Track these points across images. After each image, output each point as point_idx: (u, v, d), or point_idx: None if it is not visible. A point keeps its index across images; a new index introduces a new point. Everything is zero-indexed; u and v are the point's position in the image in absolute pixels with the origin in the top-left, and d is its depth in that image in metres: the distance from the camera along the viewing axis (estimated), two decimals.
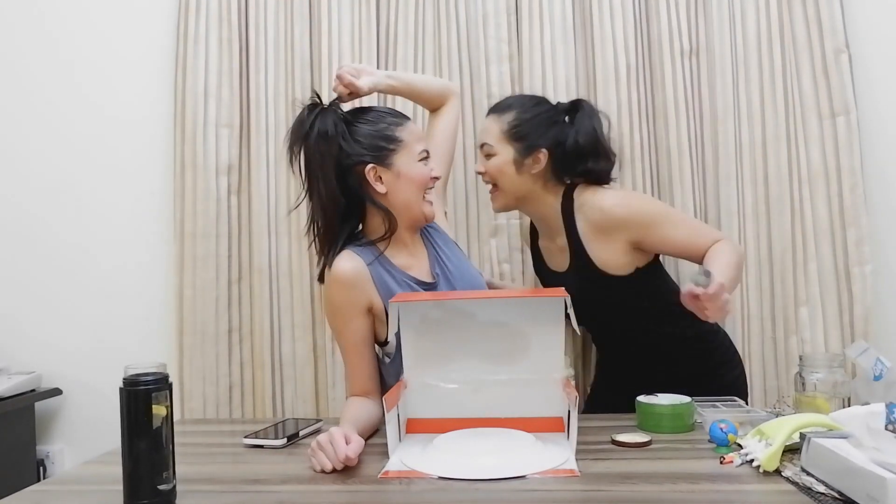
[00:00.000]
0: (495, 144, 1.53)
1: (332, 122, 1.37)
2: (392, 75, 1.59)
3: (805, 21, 1.82)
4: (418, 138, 1.44)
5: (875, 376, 1.32)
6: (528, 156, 1.52)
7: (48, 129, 2.08)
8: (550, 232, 1.60)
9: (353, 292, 1.37)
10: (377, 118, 1.42)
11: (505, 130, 1.53)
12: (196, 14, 1.94)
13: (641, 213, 1.49)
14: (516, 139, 1.52)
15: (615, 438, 1.21)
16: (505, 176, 1.53)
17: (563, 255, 1.57)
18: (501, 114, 1.55)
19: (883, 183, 1.83)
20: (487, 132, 1.56)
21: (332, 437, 1.12)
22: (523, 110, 1.55)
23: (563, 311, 1.29)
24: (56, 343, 2.06)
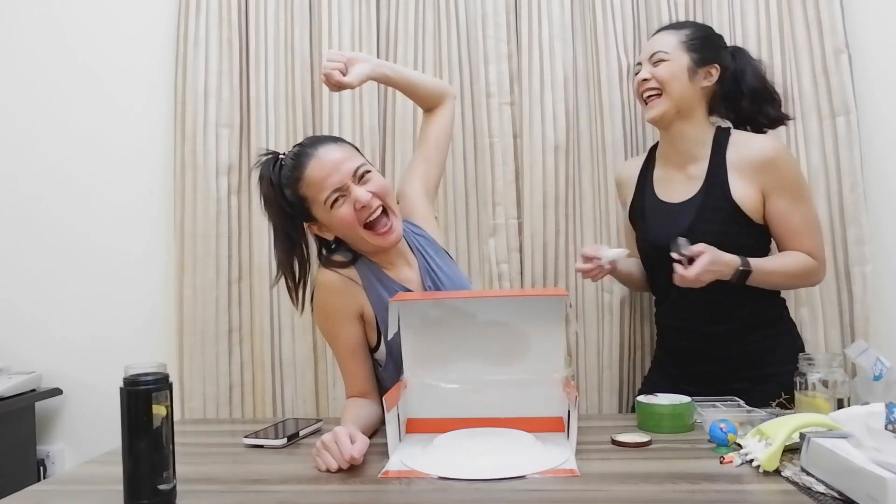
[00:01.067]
0: (671, 52, 1.55)
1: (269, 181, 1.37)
2: (388, 65, 1.55)
3: (805, 21, 1.82)
4: (318, 186, 1.32)
5: (875, 376, 1.32)
6: (703, 66, 1.55)
7: (48, 129, 2.08)
8: (686, 158, 1.58)
9: (344, 298, 1.38)
10: (286, 179, 1.35)
11: (682, 41, 1.56)
12: (196, 14, 1.94)
13: (793, 172, 1.52)
14: (693, 50, 1.55)
15: (615, 438, 1.21)
16: (677, 81, 1.54)
17: (691, 183, 1.56)
18: (677, 29, 1.59)
19: (883, 182, 1.83)
20: (661, 42, 1.57)
21: (337, 437, 1.12)
22: (699, 28, 1.61)
23: (563, 311, 1.29)
24: (56, 343, 2.06)
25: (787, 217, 1.50)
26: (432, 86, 1.61)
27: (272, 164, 1.38)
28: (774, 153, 1.50)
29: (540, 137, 1.87)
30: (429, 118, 1.60)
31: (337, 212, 1.33)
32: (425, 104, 1.61)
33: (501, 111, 1.90)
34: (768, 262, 1.48)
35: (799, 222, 1.50)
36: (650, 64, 1.57)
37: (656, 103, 1.56)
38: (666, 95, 1.55)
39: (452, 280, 1.48)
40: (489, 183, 1.89)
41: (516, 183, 1.90)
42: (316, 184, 1.32)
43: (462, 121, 1.92)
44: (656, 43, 1.59)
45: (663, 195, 1.62)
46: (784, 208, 1.50)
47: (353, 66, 1.43)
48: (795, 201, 1.50)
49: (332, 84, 1.42)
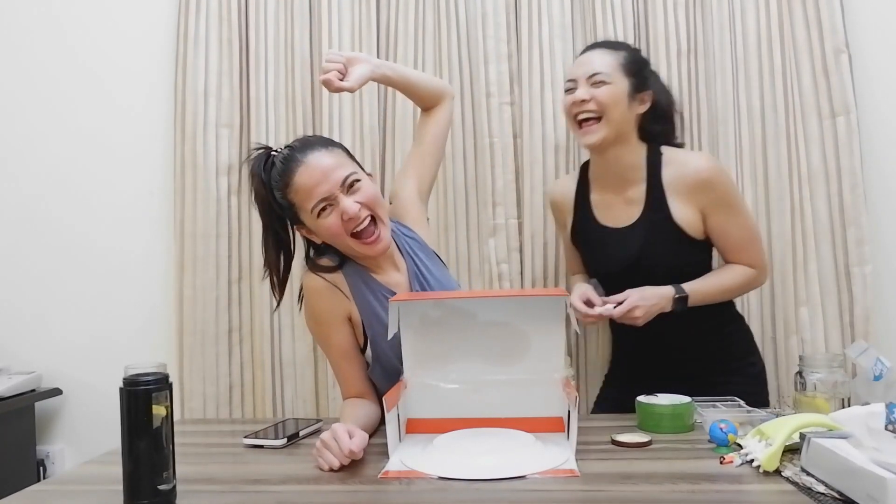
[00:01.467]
0: (612, 73, 1.50)
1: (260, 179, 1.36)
2: (388, 65, 1.53)
3: (805, 21, 1.82)
4: (307, 194, 1.30)
5: (875, 376, 1.31)
6: (639, 93, 1.53)
7: (48, 129, 2.08)
8: (623, 183, 1.57)
9: (331, 302, 1.37)
10: (275, 182, 1.33)
11: (622, 63, 1.51)
12: (196, 14, 1.94)
13: (728, 188, 1.53)
14: (632, 74, 1.52)
15: (615, 438, 1.21)
16: (618, 107, 1.50)
17: (631, 207, 1.56)
18: (614, 49, 1.55)
19: (883, 183, 1.83)
20: (601, 62, 1.51)
21: (336, 433, 1.12)
22: (634, 51, 1.59)
23: (563, 311, 1.29)
24: (56, 343, 2.06)
25: (727, 232, 1.52)
26: (432, 85, 1.58)
27: (263, 160, 1.37)
28: (709, 173, 1.51)
29: (540, 137, 1.87)
30: (426, 117, 1.58)
31: (324, 221, 1.31)
32: (424, 104, 1.58)
33: (501, 111, 1.90)
34: (705, 283, 1.51)
35: (738, 235, 1.53)
36: (589, 84, 1.50)
37: (595, 129, 1.51)
38: (605, 121, 1.50)
39: (441, 283, 1.47)
40: (489, 183, 1.89)
41: (516, 183, 1.90)
42: (304, 192, 1.30)
43: (462, 121, 1.92)
44: (595, 62, 1.52)
45: (604, 220, 1.61)
46: (723, 224, 1.52)
47: (352, 68, 1.40)
48: (732, 215, 1.52)
49: (331, 89, 1.40)
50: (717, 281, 1.52)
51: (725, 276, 1.53)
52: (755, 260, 1.54)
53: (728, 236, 1.53)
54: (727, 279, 1.53)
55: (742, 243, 1.53)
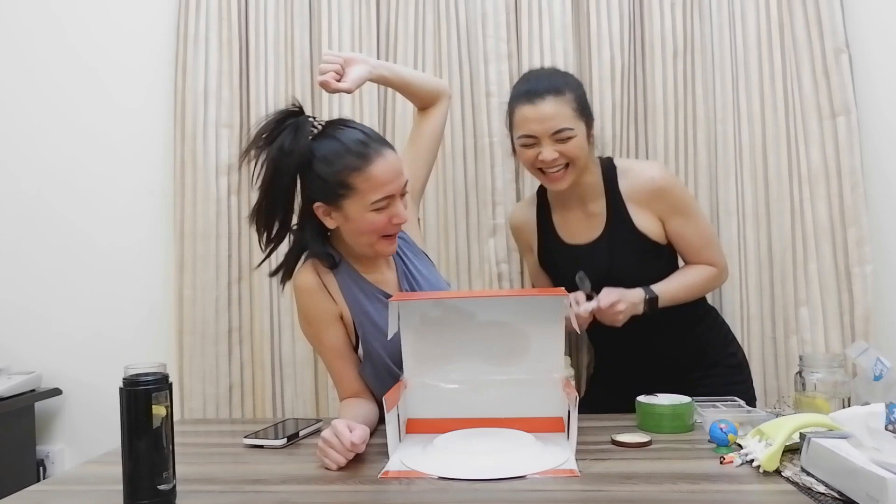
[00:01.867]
0: (573, 125, 1.48)
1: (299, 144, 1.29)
2: (385, 66, 1.50)
3: (805, 21, 1.82)
4: (376, 187, 1.28)
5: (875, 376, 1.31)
6: (592, 127, 1.55)
7: (48, 129, 2.08)
8: (582, 200, 1.58)
9: (322, 301, 1.37)
10: (336, 157, 1.29)
11: (574, 108, 1.49)
12: (196, 14, 1.94)
13: (683, 194, 1.57)
14: (584, 114, 1.51)
15: (615, 438, 1.21)
16: (583, 152, 1.50)
17: (593, 222, 1.57)
18: (560, 95, 1.48)
19: (883, 183, 1.83)
20: (561, 116, 1.46)
21: (336, 429, 1.12)
22: (576, 85, 1.54)
23: (563, 311, 1.29)
24: (56, 343, 2.06)
25: (685, 236, 1.56)
26: (429, 85, 1.57)
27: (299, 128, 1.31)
28: (663, 181, 1.54)
29: None
30: (423, 116, 1.57)
31: (373, 216, 1.30)
32: (421, 103, 1.57)
33: (501, 111, 1.89)
34: (670, 283, 1.53)
35: (696, 238, 1.56)
36: (553, 141, 1.47)
37: (563, 175, 1.50)
38: (573, 167, 1.50)
39: (430, 283, 1.47)
40: (489, 183, 1.89)
41: (516, 183, 1.90)
42: (375, 183, 1.28)
43: (462, 120, 1.92)
44: (556, 118, 1.46)
45: (568, 238, 1.62)
46: (680, 229, 1.55)
47: (349, 68, 1.39)
48: (689, 219, 1.55)
49: (328, 90, 1.38)
50: (682, 280, 1.55)
51: (688, 275, 1.56)
52: (714, 259, 1.57)
53: (686, 239, 1.56)
54: (690, 278, 1.56)
55: (700, 245, 1.56)
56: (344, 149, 1.29)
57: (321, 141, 1.32)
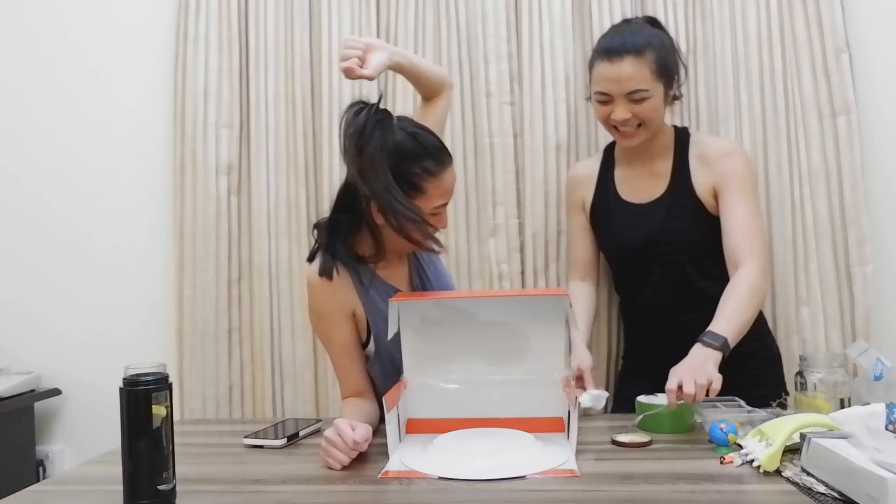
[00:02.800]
0: (649, 87, 1.47)
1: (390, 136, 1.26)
2: (402, 54, 1.48)
3: (805, 21, 1.81)
4: (443, 193, 1.31)
5: (875, 376, 1.31)
6: (672, 87, 1.53)
7: (48, 128, 2.08)
8: (650, 159, 1.58)
9: (335, 298, 1.37)
10: (414, 157, 1.28)
11: (653, 70, 1.47)
12: (196, 14, 1.94)
13: (744, 170, 1.52)
14: (664, 75, 1.50)
15: (615, 439, 1.21)
16: (658, 113, 1.51)
17: (656, 182, 1.57)
18: (640, 54, 1.46)
19: (884, 182, 1.83)
20: (636, 78, 1.45)
21: (339, 429, 1.12)
22: (659, 45, 1.50)
23: (563, 311, 1.29)
24: (56, 343, 2.06)
25: (731, 212, 1.49)
26: (437, 75, 1.56)
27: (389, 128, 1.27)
28: (731, 147, 1.56)
29: (541, 137, 1.87)
30: (427, 107, 1.55)
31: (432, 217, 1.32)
32: (428, 93, 1.56)
33: (502, 111, 1.90)
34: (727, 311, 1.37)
35: (743, 220, 1.47)
36: (628, 101, 1.47)
37: (636, 134, 1.52)
38: (646, 127, 1.52)
39: (437, 277, 1.49)
40: (489, 183, 1.89)
41: (517, 183, 1.90)
42: (441, 191, 1.31)
43: (462, 120, 1.91)
44: (631, 78, 1.46)
45: (627, 196, 1.62)
46: (729, 204, 1.50)
47: (370, 55, 1.36)
48: (740, 197, 1.50)
49: (351, 77, 1.35)
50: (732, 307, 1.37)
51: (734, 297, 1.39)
52: (756, 251, 1.43)
53: (731, 217, 1.48)
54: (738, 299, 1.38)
55: (746, 230, 1.46)
56: (423, 151, 1.29)
57: (410, 133, 1.29)
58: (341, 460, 1.11)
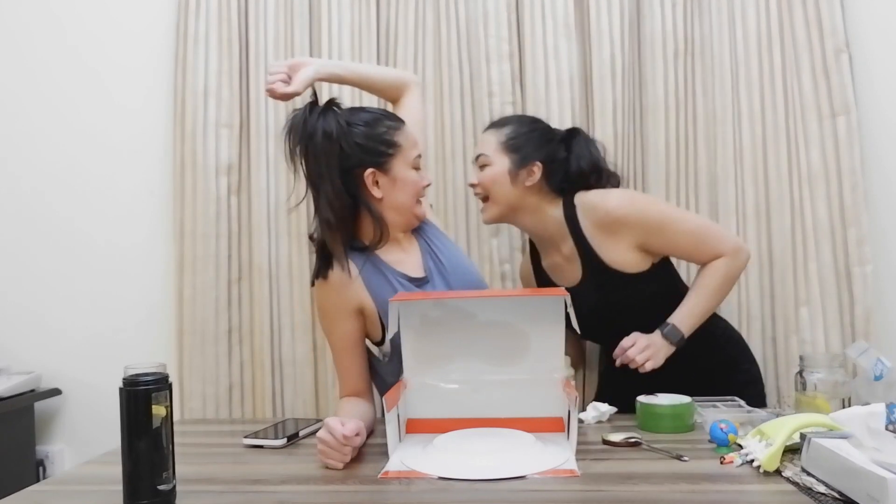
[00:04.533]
0: (491, 155, 1.54)
1: (334, 122, 1.34)
2: (336, 64, 1.56)
3: (805, 21, 1.82)
4: (413, 144, 1.42)
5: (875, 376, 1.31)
6: (523, 167, 1.52)
7: (48, 128, 2.08)
8: (554, 243, 1.58)
9: (341, 296, 1.38)
10: (375, 121, 1.39)
11: (502, 142, 1.54)
12: (196, 14, 1.94)
13: (646, 215, 1.49)
14: (512, 150, 1.53)
15: (606, 438, 1.21)
16: (498, 185, 1.53)
17: (572, 265, 1.55)
18: (499, 128, 1.57)
19: (883, 182, 1.83)
20: (484, 144, 1.57)
21: (329, 427, 1.12)
22: (521, 125, 1.58)
23: (563, 311, 1.29)
24: (56, 343, 2.06)
25: (675, 246, 1.52)
26: (391, 77, 1.61)
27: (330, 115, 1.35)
28: (618, 211, 1.47)
29: None
30: (396, 109, 1.59)
31: (413, 173, 1.41)
32: (387, 96, 1.62)
33: (504, 111, 1.89)
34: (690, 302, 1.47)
35: (686, 243, 1.50)
36: (476, 167, 1.57)
37: (486, 207, 1.58)
38: (492, 200, 1.55)
39: (453, 263, 1.47)
40: None
41: None
42: (412, 140, 1.42)
43: (462, 120, 1.91)
44: (481, 145, 1.58)
45: (559, 282, 1.61)
46: (664, 243, 1.51)
47: (296, 73, 1.43)
48: (667, 232, 1.49)
49: (276, 97, 1.43)
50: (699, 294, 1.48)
51: (702, 284, 1.48)
52: (718, 249, 1.48)
53: (678, 249, 1.53)
54: (705, 286, 1.48)
55: (695, 245, 1.50)
56: (379, 114, 1.42)
57: (352, 115, 1.39)
58: (337, 458, 1.11)
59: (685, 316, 1.46)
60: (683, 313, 1.47)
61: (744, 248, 1.51)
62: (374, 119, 1.39)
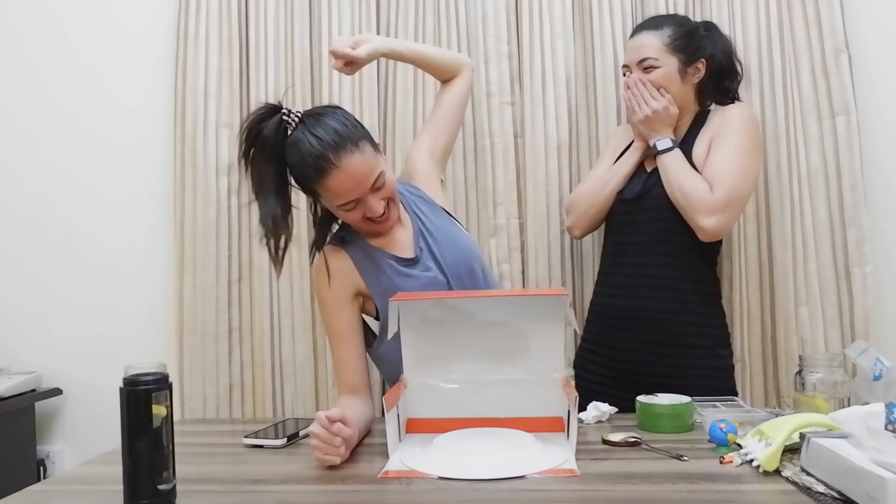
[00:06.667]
0: (659, 56, 1.58)
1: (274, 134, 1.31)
2: (396, 41, 1.57)
3: (805, 21, 1.82)
4: (338, 194, 1.31)
5: (875, 376, 1.32)
6: (691, 65, 1.59)
7: (48, 128, 2.08)
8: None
9: (336, 284, 1.40)
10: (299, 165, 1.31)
11: (667, 43, 1.58)
12: (196, 14, 1.95)
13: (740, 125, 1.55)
14: (679, 50, 1.58)
15: (606, 438, 1.21)
16: (672, 85, 1.58)
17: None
18: (657, 29, 1.60)
19: (883, 182, 1.83)
20: (646, 47, 1.59)
21: (318, 420, 1.12)
22: (679, 24, 1.62)
23: (563, 311, 1.29)
24: (56, 343, 2.06)
25: (714, 153, 1.54)
26: (447, 57, 1.62)
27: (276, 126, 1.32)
28: (736, 110, 1.59)
29: (541, 137, 1.87)
30: (444, 88, 1.61)
31: (346, 213, 1.36)
32: (441, 76, 1.62)
33: (502, 111, 1.90)
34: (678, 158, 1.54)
35: (720, 159, 1.52)
36: (640, 70, 1.59)
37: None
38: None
39: (449, 238, 1.47)
40: (490, 183, 1.89)
41: (517, 183, 1.91)
42: (334, 193, 1.32)
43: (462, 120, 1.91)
44: (642, 47, 1.60)
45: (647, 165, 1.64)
46: (715, 148, 1.55)
47: (360, 46, 1.45)
48: (727, 142, 1.53)
49: (339, 56, 1.43)
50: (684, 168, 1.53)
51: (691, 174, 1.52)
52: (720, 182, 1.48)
53: (712, 157, 1.54)
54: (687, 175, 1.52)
55: (719, 167, 1.50)
56: (302, 161, 1.30)
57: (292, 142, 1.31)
58: (332, 452, 1.11)
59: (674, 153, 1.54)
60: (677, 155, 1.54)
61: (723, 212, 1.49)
62: (298, 162, 1.30)
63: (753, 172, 1.57)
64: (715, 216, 1.48)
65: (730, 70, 1.68)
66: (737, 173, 1.50)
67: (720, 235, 1.53)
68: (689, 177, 1.51)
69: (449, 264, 1.44)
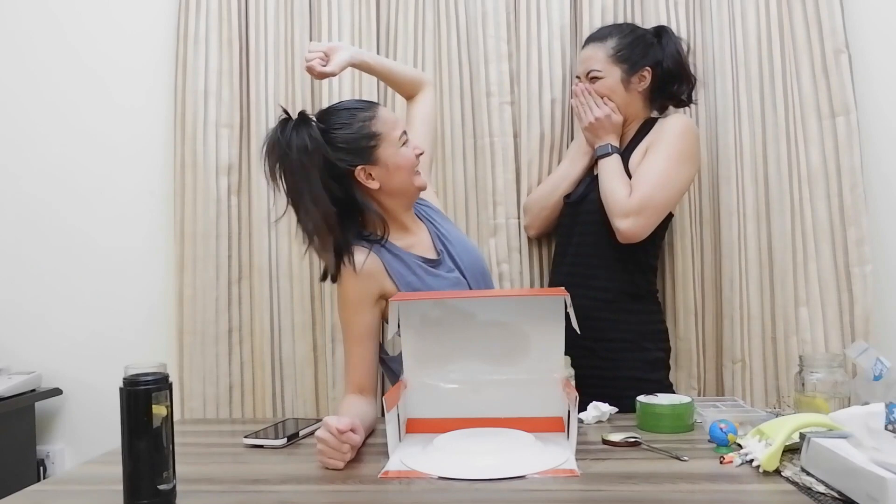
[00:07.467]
0: (602, 68, 1.64)
1: (307, 135, 1.33)
2: (367, 53, 1.62)
3: (805, 21, 1.82)
4: (393, 124, 1.42)
5: (875, 376, 1.32)
6: (634, 74, 1.65)
7: (48, 128, 2.08)
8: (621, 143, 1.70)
9: (365, 284, 1.39)
10: (350, 118, 1.39)
11: (611, 54, 1.64)
12: (196, 14, 1.94)
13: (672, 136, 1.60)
14: (622, 61, 1.64)
15: (606, 438, 1.22)
16: (615, 95, 1.65)
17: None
18: (602, 41, 1.66)
19: (883, 182, 1.83)
20: (592, 59, 1.66)
21: (325, 425, 1.12)
22: (623, 35, 1.67)
23: (563, 311, 1.29)
24: (56, 343, 2.06)
25: (643, 165, 1.60)
26: (410, 74, 1.68)
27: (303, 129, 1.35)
28: (674, 117, 1.65)
29: (540, 137, 1.87)
30: (411, 105, 1.67)
31: (404, 149, 1.41)
32: (405, 92, 1.68)
33: (502, 110, 1.90)
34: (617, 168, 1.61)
35: (647, 170, 1.58)
36: (587, 81, 1.67)
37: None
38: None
39: (461, 243, 1.54)
40: (489, 182, 1.89)
41: (517, 182, 1.90)
42: (391, 122, 1.42)
43: (462, 120, 1.92)
44: (588, 59, 1.67)
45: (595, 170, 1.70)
46: (649, 154, 1.60)
47: (333, 55, 1.50)
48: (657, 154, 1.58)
49: (315, 75, 1.49)
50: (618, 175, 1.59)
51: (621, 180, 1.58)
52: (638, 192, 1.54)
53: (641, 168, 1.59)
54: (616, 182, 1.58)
55: (643, 177, 1.56)
56: (351, 111, 1.41)
57: (327, 119, 1.40)
58: (337, 457, 1.11)
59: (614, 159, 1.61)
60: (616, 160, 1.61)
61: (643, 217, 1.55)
62: (349, 116, 1.39)
63: (678, 181, 1.61)
64: (629, 219, 1.54)
65: (679, 75, 1.70)
66: (656, 181, 1.56)
67: (636, 238, 1.57)
68: (615, 182, 1.58)
69: (466, 266, 1.50)
